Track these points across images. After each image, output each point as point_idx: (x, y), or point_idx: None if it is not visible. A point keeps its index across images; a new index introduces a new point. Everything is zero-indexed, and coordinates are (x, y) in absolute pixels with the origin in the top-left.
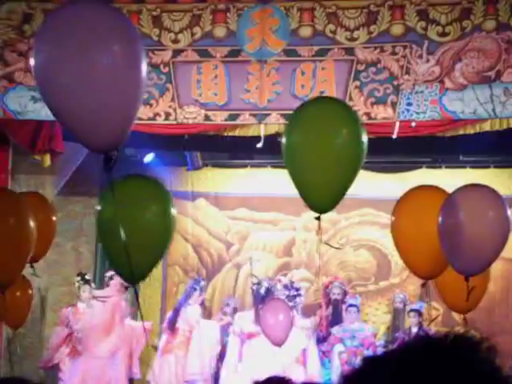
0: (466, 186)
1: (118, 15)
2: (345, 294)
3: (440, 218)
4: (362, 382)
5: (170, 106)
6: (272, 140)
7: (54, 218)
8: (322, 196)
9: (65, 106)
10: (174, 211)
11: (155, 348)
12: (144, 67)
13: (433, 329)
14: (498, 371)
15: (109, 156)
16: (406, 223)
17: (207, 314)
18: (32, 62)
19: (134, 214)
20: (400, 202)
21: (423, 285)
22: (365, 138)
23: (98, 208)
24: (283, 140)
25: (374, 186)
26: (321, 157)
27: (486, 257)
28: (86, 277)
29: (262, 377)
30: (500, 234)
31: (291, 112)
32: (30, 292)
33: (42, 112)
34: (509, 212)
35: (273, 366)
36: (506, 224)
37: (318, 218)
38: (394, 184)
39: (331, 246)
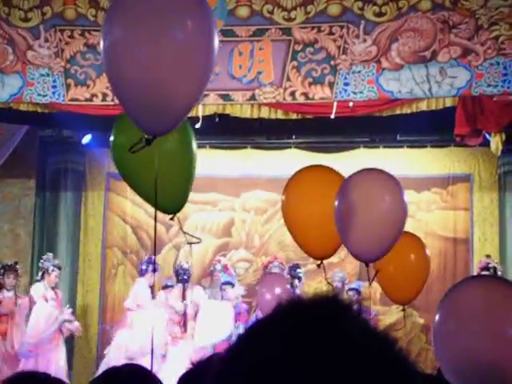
0: (362, 170)
1: None
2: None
3: (336, 203)
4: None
5: (107, 87)
6: (210, 121)
7: None
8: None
9: (136, 90)
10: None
11: None
12: (216, 43)
13: (373, 307)
14: (369, 331)
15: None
16: (296, 203)
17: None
18: (101, 44)
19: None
20: (289, 182)
21: (318, 265)
22: (195, 146)
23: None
24: None
25: None
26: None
27: (383, 242)
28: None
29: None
30: (396, 219)
31: (229, 92)
32: None
33: None
34: (405, 196)
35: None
36: (403, 209)
37: (172, 219)
38: (332, 164)
39: (193, 236)
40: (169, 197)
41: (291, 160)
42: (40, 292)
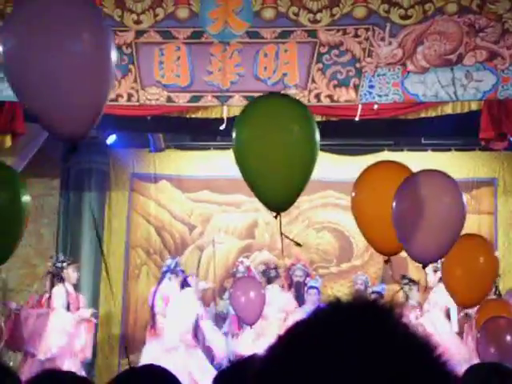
0: (421, 171)
1: (86, 2)
2: (307, 276)
3: (394, 203)
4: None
5: (132, 88)
6: (235, 122)
7: None
8: (277, 196)
9: (34, 96)
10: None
11: None
12: (114, 57)
13: None
14: (410, 336)
15: (74, 145)
16: (366, 198)
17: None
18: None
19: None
20: (360, 178)
21: (386, 261)
22: (317, 137)
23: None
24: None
25: (336, 168)
26: (272, 157)
27: (441, 244)
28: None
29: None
30: (455, 220)
31: (254, 94)
32: None
33: (3, 93)
34: (464, 198)
35: None
36: (462, 210)
37: (276, 217)
38: (356, 167)
39: (292, 241)
40: (280, 192)
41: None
42: (61, 299)
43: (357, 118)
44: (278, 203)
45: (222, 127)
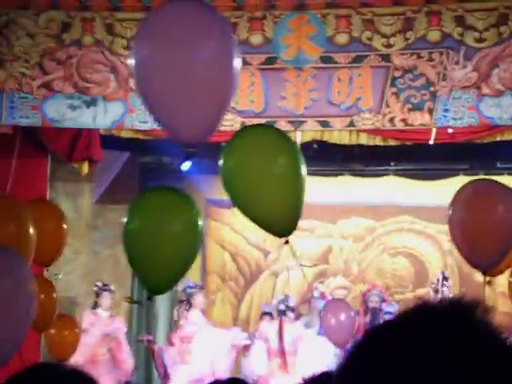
0: (474, 181)
1: (212, 13)
2: (383, 301)
3: (449, 212)
4: (369, 349)
5: None
6: (308, 147)
7: (64, 225)
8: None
9: (159, 102)
10: (201, 223)
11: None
12: (237, 65)
13: None
14: (494, 333)
15: (192, 150)
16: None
17: (245, 322)
18: (130, 60)
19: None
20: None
21: (488, 282)
22: (304, 170)
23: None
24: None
25: (411, 193)
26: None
27: (497, 251)
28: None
29: None
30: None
31: (328, 119)
32: (54, 295)
33: (80, 120)
34: None
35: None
36: None
37: (287, 242)
38: (431, 191)
39: (306, 266)
40: (278, 219)
41: (389, 187)
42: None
43: (431, 142)
44: (281, 229)
45: None
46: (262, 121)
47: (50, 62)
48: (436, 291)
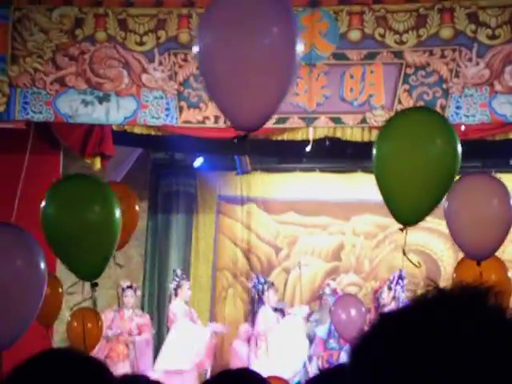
0: (472, 173)
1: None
2: (394, 298)
3: (446, 203)
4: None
5: None
6: (320, 144)
7: (136, 208)
8: (410, 208)
9: (221, 87)
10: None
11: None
12: (299, 51)
13: None
14: (505, 318)
15: (246, 134)
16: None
17: None
18: (195, 48)
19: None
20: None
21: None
22: (459, 150)
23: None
24: (373, 150)
25: None
26: (413, 168)
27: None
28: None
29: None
30: (503, 219)
31: (340, 115)
32: (60, 291)
33: (93, 115)
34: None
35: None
36: (509, 210)
37: (403, 230)
38: None
39: (410, 262)
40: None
41: None
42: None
43: None
44: (409, 216)
45: (308, 148)
46: (274, 117)
47: (63, 57)
48: (389, 288)
